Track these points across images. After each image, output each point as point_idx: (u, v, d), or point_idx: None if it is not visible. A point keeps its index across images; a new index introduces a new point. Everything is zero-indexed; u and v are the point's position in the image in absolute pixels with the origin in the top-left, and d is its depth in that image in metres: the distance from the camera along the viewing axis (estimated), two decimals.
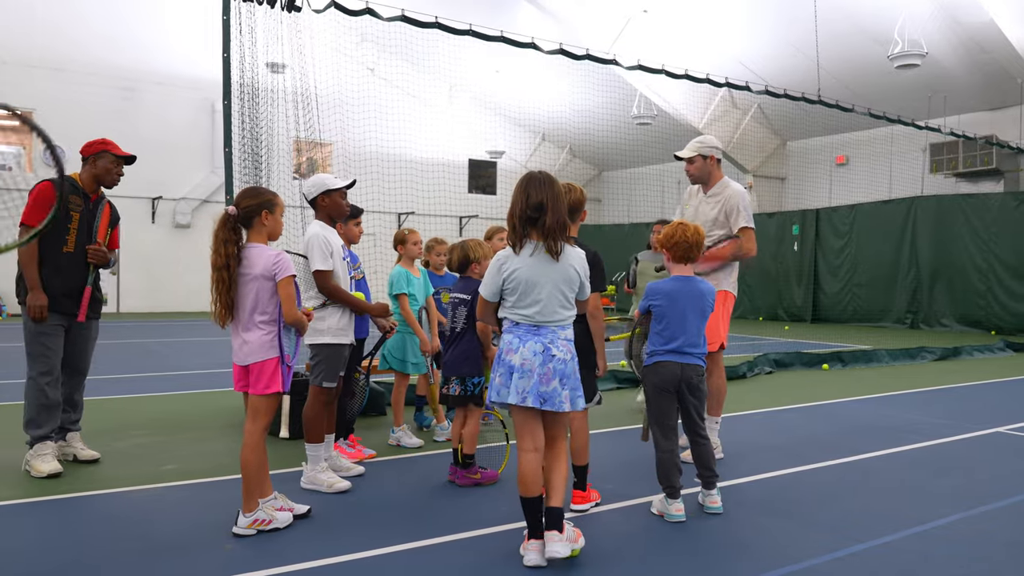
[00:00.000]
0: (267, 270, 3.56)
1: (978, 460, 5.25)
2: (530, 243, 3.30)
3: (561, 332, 3.32)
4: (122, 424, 6.06)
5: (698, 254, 4.06)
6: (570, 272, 3.33)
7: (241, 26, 6.36)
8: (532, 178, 3.31)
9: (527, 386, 3.24)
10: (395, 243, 5.62)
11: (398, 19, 7.20)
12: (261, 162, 6.94)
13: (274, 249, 3.66)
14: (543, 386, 3.24)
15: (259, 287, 3.57)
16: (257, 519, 3.56)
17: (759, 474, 4.75)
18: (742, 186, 5.25)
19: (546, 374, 3.24)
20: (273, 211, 3.69)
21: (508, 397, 3.30)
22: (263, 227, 3.67)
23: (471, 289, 4.49)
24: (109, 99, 20.40)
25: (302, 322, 3.65)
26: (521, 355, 3.27)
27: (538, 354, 3.25)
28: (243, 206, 3.63)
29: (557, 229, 3.26)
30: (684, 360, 3.92)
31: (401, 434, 5.38)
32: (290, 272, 3.58)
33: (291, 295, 3.58)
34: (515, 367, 3.27)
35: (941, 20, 14.90)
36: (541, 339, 3.27)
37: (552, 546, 3.16)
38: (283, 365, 3.60)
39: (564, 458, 3.39)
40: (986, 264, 16.58)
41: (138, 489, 4.33)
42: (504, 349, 3.35)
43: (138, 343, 12.83)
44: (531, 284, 3.28)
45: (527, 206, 3.27)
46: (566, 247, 3.33)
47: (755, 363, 9.57)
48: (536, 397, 3.24)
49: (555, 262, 3.27)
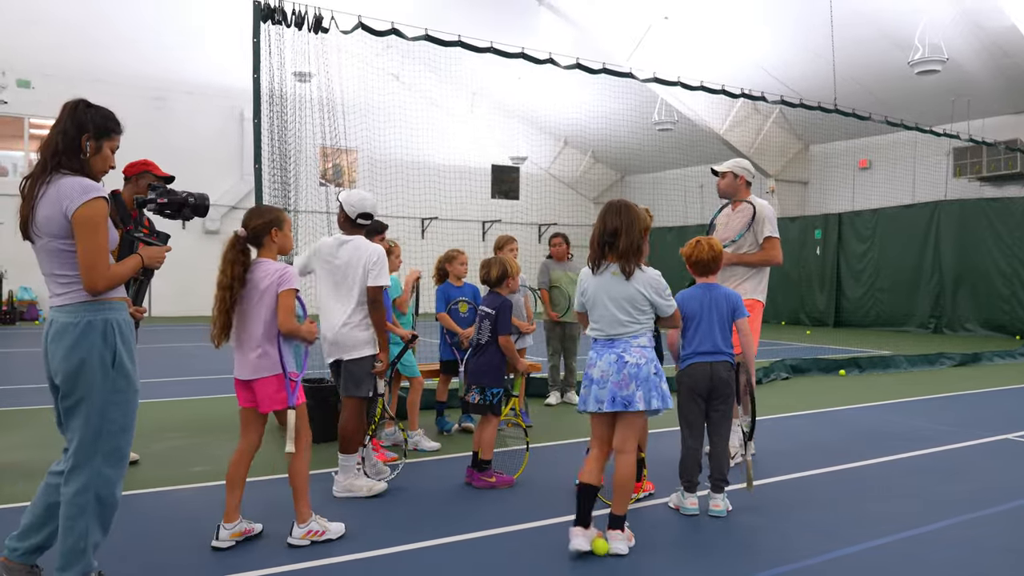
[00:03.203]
0: (272, 283, 3.65)
1: (980, 467, 5.38)
2: (605, 263, 3.67)
3: (634, 341, 3.65)
4: (159, 427, 6.38)
5: (717, 266, 4.37)
6: (634, 293, 3.63)
7: (271, 47, 6.67)
8: (611, 206, 3.69)
9: (605, 394, 3.61)
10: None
11: (422, 38, 7.47)
12: (289, 171, 7.23)
13: (280, 263, 3.77)
14: (621, 391, 3.59)
15: (268, 301, 3.66)
16: (311, 530, 3.67)
17: (762, 479, 4.92)
18: (766, 200, 5.60)
19: (623, 380, 3.59)
20: (282, 227, 3.81)
21: (588, 406, 3.68)
22: (273, 244, 3.78)
23: (497, 304, 4.76)
24: (142, 109, 20.95)
25: (298, 333, 3.65)
26: (599, 368, 3.66)
27: (612, 364, 3.62)
28: (252, 226, 3.73)
29: (630, 252, 3.60)
30: (713, 359, 4.21)
31: (419, 438, 5.63)
32: (292, 285, 3.65)
33: (289, 306, 3.64)
34: (594, 379, 3.66)
35: (963, 25, 14.88)
36: (615, 350, 3.64)
37: (615, 544, 3.56)
38: (288, 380, 3.65)
39: (631, 468, 3.67)
40: (1010, 269, 16.50)
41: (175, 489, 4.63)
42: (588, 364, 3.75)
43: (172, 347, 13.26)
44: (597, 300, 3.67)
45: (604, 231, 3.64)
46: (638, 271, 3.63)
47: (771, 369, 9.71)
48: (612, 403, 3.59)
49: (625, 282, 3.61)
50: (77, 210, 2.82)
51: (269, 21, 6.53)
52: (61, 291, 2.91)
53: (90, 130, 2.96)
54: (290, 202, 7.45)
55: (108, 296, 2.93)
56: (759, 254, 5.42)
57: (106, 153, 3.04)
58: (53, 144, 2.93)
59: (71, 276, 2.89)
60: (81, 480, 2.91)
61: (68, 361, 2.86)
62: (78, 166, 2.93)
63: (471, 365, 4.84)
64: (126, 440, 3.02)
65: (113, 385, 2.91)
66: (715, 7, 16.70)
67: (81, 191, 2.85)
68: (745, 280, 5.41)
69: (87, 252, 2.82)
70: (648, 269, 3.70)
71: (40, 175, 2.91)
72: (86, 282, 2.84)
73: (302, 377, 3.83)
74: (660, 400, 3.63)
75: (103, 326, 2.89)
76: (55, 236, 2.87)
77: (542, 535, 3.89)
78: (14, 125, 20.36)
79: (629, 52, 18.33)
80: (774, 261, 5.44)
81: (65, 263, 2.89)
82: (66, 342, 2.87)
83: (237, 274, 3.63)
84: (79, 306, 2.89)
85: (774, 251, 5.43)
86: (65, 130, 2.93)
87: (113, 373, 2.90)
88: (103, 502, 2.95)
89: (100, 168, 3.03)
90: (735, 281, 5.44)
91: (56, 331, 2.90)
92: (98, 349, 2.87)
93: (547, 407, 7.53)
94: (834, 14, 14.49)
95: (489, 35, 17.58)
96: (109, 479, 2.95)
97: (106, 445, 2.93)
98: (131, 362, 2.98)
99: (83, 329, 2.86)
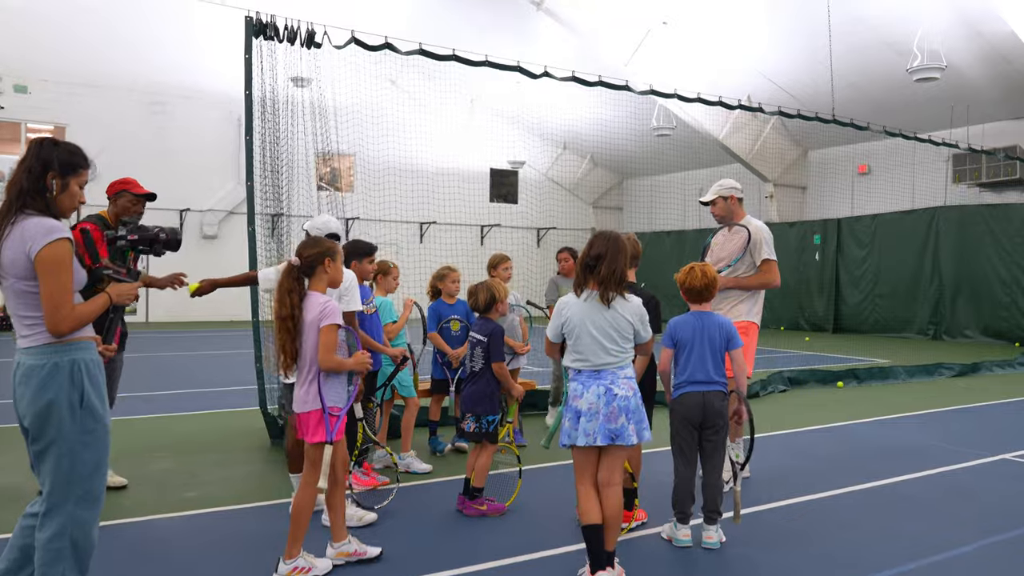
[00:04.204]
0: (315, 318, 3.63)
1: (981, 489, 5.32)
2: (587, 291, 3.61)
3: (621, 372, 3.59)
4: (149, 446, 6.33)
5: (711, 294, 4.30)
6: (620, 320, 3.57)
7: (263, 62, 6.61)
8: (599, 234, 3.68)
9: (595, 427, 3.53)
10: (375, 274, 5.74)
11: (416, 52, 7.40)
12: (282, 176, 7.19)
13: (325, 296, 3.73)
14: (611, 424, 3.52)
15: (312, 336, 3.63)
16: (297, 567, 3.63)
17: (759, 505, 4.86)
18: (763, 223, 5.52)
19: (612, 412, 3.52)
20: (335, 259, 3.79)
21: (578, 440, 3.58)
22: (324, 275, 3.75)
23: (488, 330, 4.70)
24: (140, 114, 20.95)
25: (342, 367, 3.66)
26: (587, 400, 3.57)
27: (601, 396, 3.54)
28: (306, 256, 3.72)
29: (611, 279, 3.54)
30: (706, 388, 4.14)
31: (411, 459, 5.57)
32: (334, 320, 3.62)
33: (329, 343, 3.60)
34: (582, 411, 3.56)
35: (961, 31, 14.83)
36: (603, 382, 3.56)
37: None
38: (326, 415, 3.62)
39: (619, 501, 3.60)
40: (1010, 275, 16.45)
41: (163, 518, 4.57)
42: (571, 396, 3.64)
43: (166, 357, 13.20)
44: (581, 330, 3.59)
45: (588, 255, 3.61)
46: (619, 299, 3.57)
47: (768, 381, 9.65)
48: (605, 435, 3.53)
49: (606, 309, 3.55)
50: (40, 251, 2.77)
51: (261, 36, 6.47)
52: (27, 332, 2.87)
53: (55, 167, 2.90)
54: (283, 207, 7.42)
55: (75, 336, 2.88)
56: (757, 277, 5.38)
57: (73, 190, 2.98)
58: (18, 183, 2.88)
59: (36, 317, 2.84)
60: (55, 525, 2.85)
61: (35, 404, 2.82)
62: (43, 205, 2.89)
63: (465, 393, 4.78)
64: (99, 480, 2.97)
65: (82, 426, 2.86)
66: (714, 12, 16.65)
67: (44, 232, 2.80)
68: (740, 302, 5.38)
69: (51, 294, 2.78)
70: (632, 297, 3.63)
71: (6, 215, 2.86)
72: (49, 325, 2.79)
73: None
74: (647, 432, 3.62)
75: (70, 367, 2.85)
76: (20, 277, 2.82)
77: (537, 569, 3.83)
78: (11, 130, 20.30)
79: (628, 57, 18.28)
80: (772, 284, 5.40)
81: (30, 304, 2.85)
82: (33, 385, 2.83)
83: (296, 303, 3.65)
84: (45, 348, 2.85)
85: (771, 274, 5.38)
86: (30, 168, 2.88)
87: (81, 414, 2.86)
88: (78, 546, 2.90)
89: (68, 206, 2.98)
90: (730, 303, 5.40)
91: (23, 374, 2.86)
92: (65, 391, 2.83)
93: (546, 427, 7.46)
94: (833, 20, 14.45)
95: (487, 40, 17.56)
96: (84, 522, 2.90)
97: (79, 488, 2.88)
98: (100, 401, 2.94)
99: (49, 371, 2.82)
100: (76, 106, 20.15)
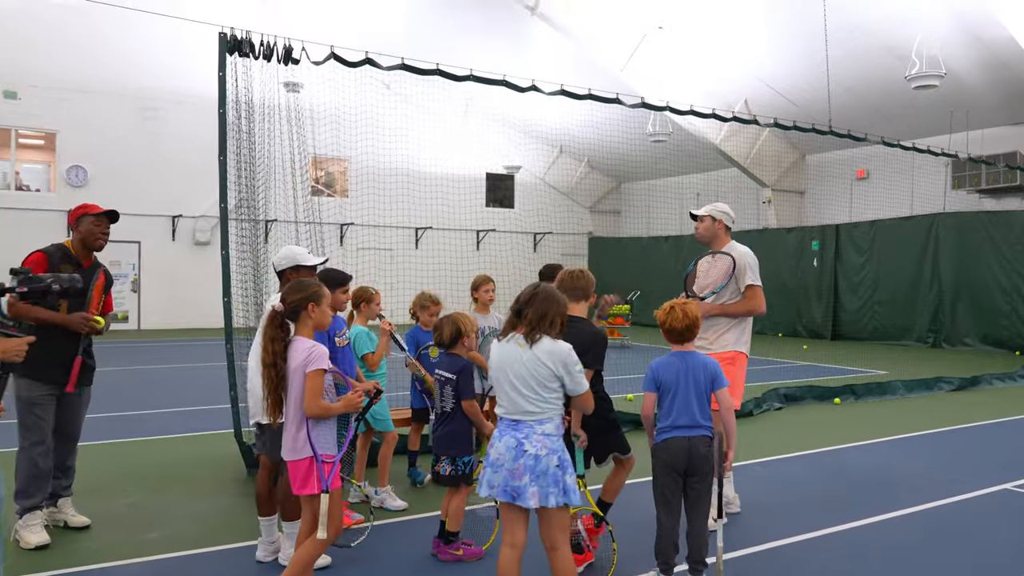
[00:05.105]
0: (300, 364, 3.53)
1: (980, 527, 5.11)
2: (513, 333, 3.45)
3: (538, 427, 3.37)
4: (119, 475, 6.13)
5: (693, 334, 4.08)
6: (539, 367, 3.35)
7: (248, 73, 6.42)
8: (533, 284, 3.59)
9: (499, 480, 3.34)
10: (357, 300, 5.55)
11: (398, 67, 7.19)
12: (258, 188, 7.06)
13: (310, 342, 3.62)
14: (514, 480, 3.31)
15: (298, 382, 3.54)
16: None
17: (748, 547, 4.66)
18: (747, 248, 5.32)
19: (517, 469, 3.31)
20: (320, 303, 3.67)
21: (480, 490, 3.41)
22: (309, 320, 3.65)
23: (457, 368, 4.49)
24: (131, 119, 20.73)
25: (328, 413, 3.54)
26: (496, 450, 3.40)
27: (511, 448, 3.35)
28: (289, 301, 3.63)
29: (539, 320, 3.37)
30: (691, 433, 3.92)
31: (385, 495, 5.37)
32: (320, 366, 3.51)
33: (315, 389, 3.49)
34: (491, 462, 3.40)
35: (960, 37, 14.62)
36: (516, 434, 3.37)
37: None
38: (318, 463, 3.50)
39: (568, 564, 3.39)
40: (1010, 283, 16.25)
41: (121, 565, 4.36)
42: (490, 443, 3.49)
43: (151, 371, 13.00)
44: (501, 374, 3.44)
45: (519, 300, 3.47)
46: (546, 341, 3.37)
47: (763, 399, 9.45)
48: (506, 491, 3.32)
49: (527, 353, 3.35)
50: None
51: (236, 53, 6.26)
52: None
53: None
54: (259, 214, 7.26)
55: None
56: (742, 304, 5.18)
57: None
58: None
59: None
60: None
61: None
62: None
63: (438, 435, 4.58)
64: None
65: None
66: (711, 17, 16.43)
67: None
68: (727, 331, 5.18)
69: None
70: (559, 342, 3.41)
71: None
72: None
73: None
74: (561, 496, 3.30)
75: None
76: None
77: None
78: (1, 136, 20.11)
79: (624, 62, 18.08)
80: (757, 311, 5.21)
81: None
82: None
83: (279, 351, 3.56)
84: None
85: (756, 300, 5.18)
86: None
87: None
88: None
89: None
90: (717, 331, 5.20)
91: None
92: None
93: None
94: (832, 25, 14.24)
95: (482, 46, 17.34)
96: None
97: None
98: None
99: None
100: (66, 112, 19.95)
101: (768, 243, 20.21)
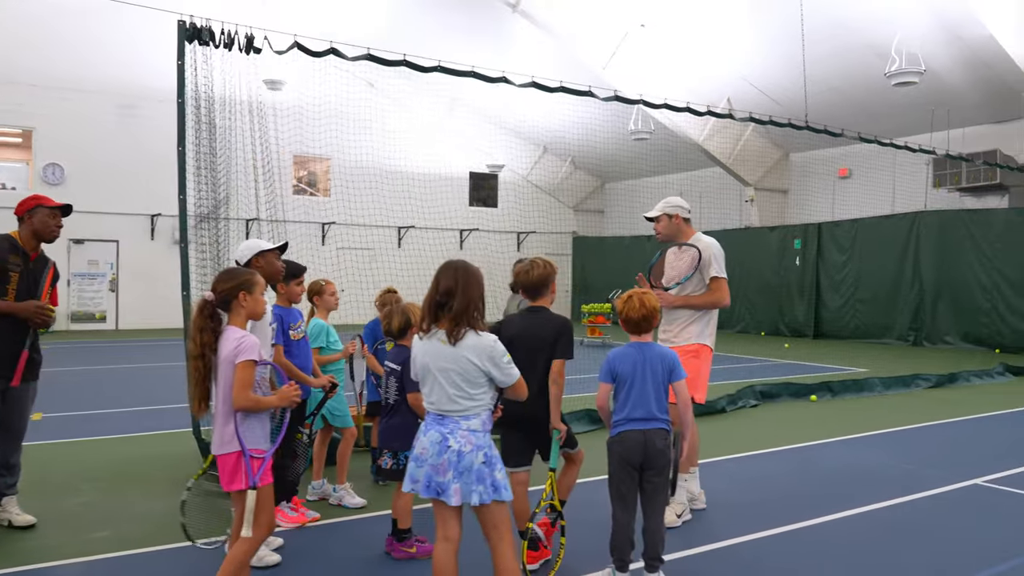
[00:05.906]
0: (230, 354, 3.38)
1: (948, 525, 5.05)
2: (436, 329, 3.28)
3: (464, 423, 3.24)
4: (76, 475, 5.97)
5: (650, 324, 3.99)
6: (464, 363, 3.22)
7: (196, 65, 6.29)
8: (446, 266, 3.32)
9: (421, 475, 3.24)
10: (310, 294, 5.46)
11: (363, 58, 7.06)
12: (220, 185, 6.96)
13: (242, 331, 3.46)
14: (437, 476, 3.21)
15: (227, 373, 3.39)
16: None
17: (713, 542, 4.56)
18: (713, 239, 5.22)
19: (441, 465, 3.21)
20: (252, 291, 3.51)
21: (404, 484, 3.33)
22: (241, 309, 3.50)
23: (403, 358, 4.35)
24: (109, 117, 20.47)
25: (259, 406, 3.41)
26: (421, 444, 3.28)
27: (435, 443, 3.23)
28: (219, 290, 3.48)
29: (463, 314, 3.22)
30: (647, 427, 3.82)
31: (343, 493, 5.25)
32: (249, 356, 3.35)
33: (244, 380, 3.34)
34: (415, 456, 3.29)
35: (940, 35, 14.62)
36: (441, 429, 3.25)
37: None
38: (246, 458, 3.36)
39: (508, 564, 3.26)
40: (990, 281, 16.27)
41: (63, 564, 4.22)
42: (416, 436, 3.35)
43: (122, 370, 12.82)
44: (426, 370, 3.30)
45: (437, 292, 3.27)
46: (470, 335, 3.23)
47: (737, 396, 9.36)
48: (429, 488, 3.23)
49: (450, 350, 3.22)
50: None
51: (196, 41, 6.13)
52: None
53: None
54: (221, 212, 7.15)
55: None
56: (705, 296, 5.09)
57: None
58: None
59: None
60: None
61: None
62: None
63: (382, 427, 4.46)
64: None
65: None
66: (692, 16, 16.38)
67: None
68: (691, 323, 5.09)
69: None
70: (484, 335, 3.25)
71: None
72: None
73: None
74: (490, 492, 3.17)
75: None
76: None
77: None
78: None
79: (605, 60, 18.01)
80: (721, 303, 5.12)
81: None
82: None
83: (207, 342, 3.39)
84: None
85: (721, 292, 5.09)
86: None
87: None
88: None
89: None
90: (681, 324, 5.11)
91: None
92: None
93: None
94: (814, 24, 14.23)
95: (464, 41, 17.21)
96: None
97: None
98: None
99: None
100: (44, 109, 19.69)
101: (751, 242, 20.19)
